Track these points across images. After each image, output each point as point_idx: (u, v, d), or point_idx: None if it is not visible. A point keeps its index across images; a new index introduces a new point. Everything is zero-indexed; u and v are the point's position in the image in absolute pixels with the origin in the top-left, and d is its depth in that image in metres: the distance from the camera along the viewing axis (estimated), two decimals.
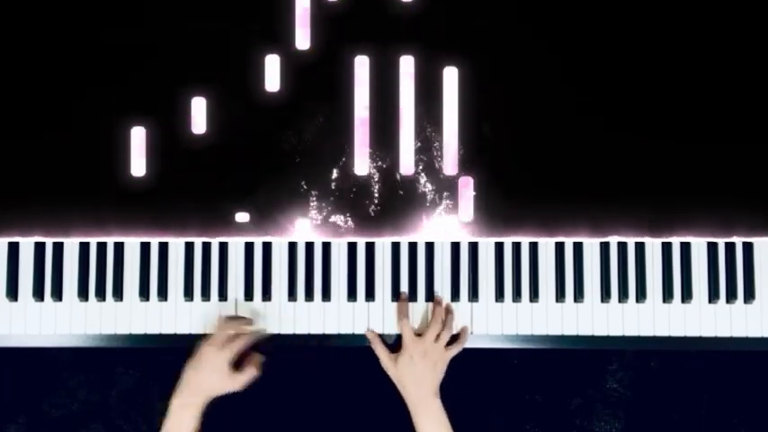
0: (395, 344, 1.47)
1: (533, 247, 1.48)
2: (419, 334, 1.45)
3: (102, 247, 1.48)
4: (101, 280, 1.48)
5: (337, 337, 1.48)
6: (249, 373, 1.41)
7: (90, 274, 1.48)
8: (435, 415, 1.40)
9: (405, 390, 1.42)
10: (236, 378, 1.40)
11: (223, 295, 1.48)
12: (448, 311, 1.47)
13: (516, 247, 1.48)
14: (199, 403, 1.38)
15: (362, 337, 1.48)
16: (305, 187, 1.45)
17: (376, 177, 1.45)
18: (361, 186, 1.45)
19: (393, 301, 1.48)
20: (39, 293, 1.48)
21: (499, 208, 1.45)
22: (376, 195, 1.45)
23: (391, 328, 1.48)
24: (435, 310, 1.46)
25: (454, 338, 1.47)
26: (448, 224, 1.46)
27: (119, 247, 1.48)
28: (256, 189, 1.45)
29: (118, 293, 1.48)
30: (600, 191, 1.45)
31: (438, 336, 1.44)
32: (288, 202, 1.45)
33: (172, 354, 1.81)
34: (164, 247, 1.48)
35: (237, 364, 1.41)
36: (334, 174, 1.45)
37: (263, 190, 1.45)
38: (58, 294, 1.48)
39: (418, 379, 1.41)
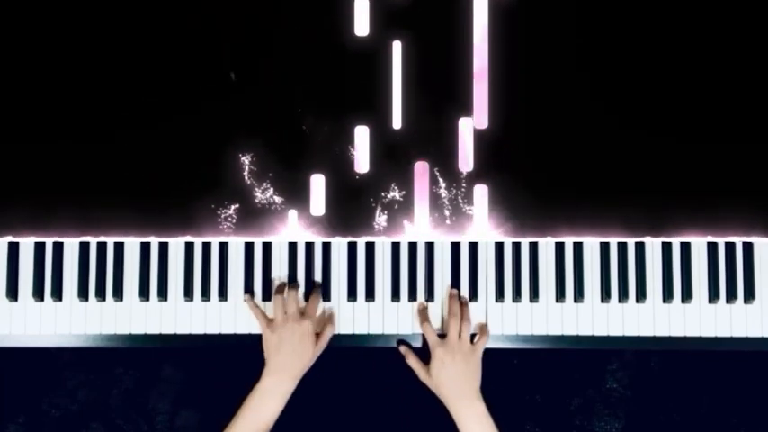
0: (423, 351, 1.45)
1: (533, 247, 1.48)
2: (443, 335, 1.43)
3: (102, 247, 1.48)
4: (101, 280, 1.48)
5: (337, 337, 1.48)
6: (329, 331, 1.42)
7: (90, 274, 1.48)
8: (480, 418, 1.35)
9: (445, 397, 1.38)
10: (320, 343, 1.41)
11: (223, 295, 1.48)
12: (463, 304, 1.45)
13: (516, 247, 1.48)
14: (293, 384, 1.38)
15: (362, 337, 1.48)
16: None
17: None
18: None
19: (393, 301, 1.48)
20: (39, 293, 1.47)
21: (500, 208, 1.46)
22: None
23: (391, 329, 1.48)
24: (450, 306, 1.44)
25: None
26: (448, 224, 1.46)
27: (119, 247, 1.48)
28: None
29: (118, 293, 1.48)
30: (600, 191, 1.45)
31: (459, 332, 1.41)
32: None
33: (172, 354, 1.81)
34: (164, 247, 1.48)
35: None
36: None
37: None
38: (57, 294, 1.48)
39: (454, 381, 1.37)
